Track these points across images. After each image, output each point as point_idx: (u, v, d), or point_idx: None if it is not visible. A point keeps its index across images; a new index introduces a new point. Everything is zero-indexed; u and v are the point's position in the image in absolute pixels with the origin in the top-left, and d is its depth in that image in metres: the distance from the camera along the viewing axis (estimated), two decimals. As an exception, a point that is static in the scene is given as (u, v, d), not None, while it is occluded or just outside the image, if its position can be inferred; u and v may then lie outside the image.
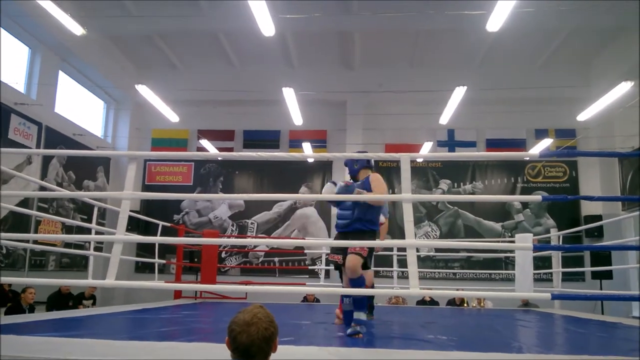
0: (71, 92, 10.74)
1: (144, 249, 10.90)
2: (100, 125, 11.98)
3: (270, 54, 11.22)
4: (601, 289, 9.17)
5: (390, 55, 11.31)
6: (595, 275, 9.22)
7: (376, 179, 4.12)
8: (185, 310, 5.96)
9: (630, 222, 9.84)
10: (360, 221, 4.01)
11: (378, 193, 3.94)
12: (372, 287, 4.84)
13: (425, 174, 12.01)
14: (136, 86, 9.53)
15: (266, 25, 6.95)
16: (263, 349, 1.65)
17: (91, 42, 9.95)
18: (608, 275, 9.00)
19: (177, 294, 8.02)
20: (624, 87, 8.31)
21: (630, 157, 10.54)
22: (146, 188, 12.11)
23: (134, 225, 10.15)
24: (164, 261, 8.62)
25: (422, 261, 11.38)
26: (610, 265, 8.28)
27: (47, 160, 9.48)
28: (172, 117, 10.81)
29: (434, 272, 11.21)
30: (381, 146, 11.56)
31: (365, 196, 3.87)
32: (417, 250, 10.50)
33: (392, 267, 8.44)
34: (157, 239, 4.72)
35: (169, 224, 7.91)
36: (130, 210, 7.50)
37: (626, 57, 9.86)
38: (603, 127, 10.92)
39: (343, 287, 4.17)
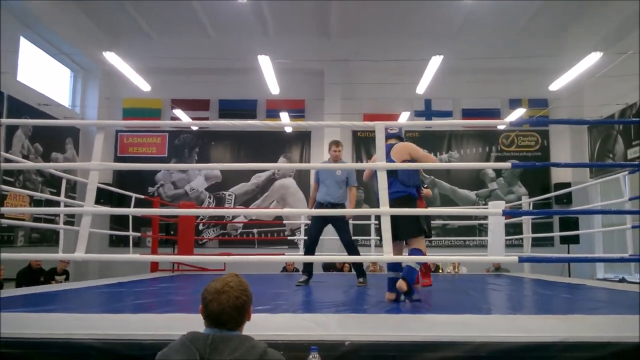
0: (35, 59, 10.29)
1: (118, 223, 10.71)
2: (67, 95, 11.56)
3: (245, 22, 10.94)
4: (569, 252, 9.52)
5: (367, 24, 11.16)
6: (564, 240, 9.57)
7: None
8: (161, 282, 5.95)
9: (597, 189, 10.15)
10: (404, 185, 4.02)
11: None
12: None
13: (402, 144, 12.05)
14: (104, 53, 9.17)
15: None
16: (234, 317, 1.65)
17: (55, 7, 9.52)
18: (575, 239, 9.34)
19: (154, 267, 7.98)
20: (594, 58, 8.42)
21: (599, 126, 10.81)
22: (118, 160, 11.86)
23: (106, 198, 9.97)
24: (138, 234, 8.52)
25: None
26: (578, 230, 8.56)
27: (11, 131, 9.05)
28: (144, 86, 10.49)
29: (410, 240, 11.39)
30: (359, 116, 11.53)
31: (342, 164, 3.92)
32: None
33: (370, 235, 8.55)
34: (130, 211, 4.66)
35: (142, 196, 7.78)
36: (103, 183, 7.33)
37: (596, 29, 9.97)
38: (574, 97, 11.12)
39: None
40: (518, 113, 11.24)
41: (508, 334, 2.38)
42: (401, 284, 3.67)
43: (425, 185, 4.90)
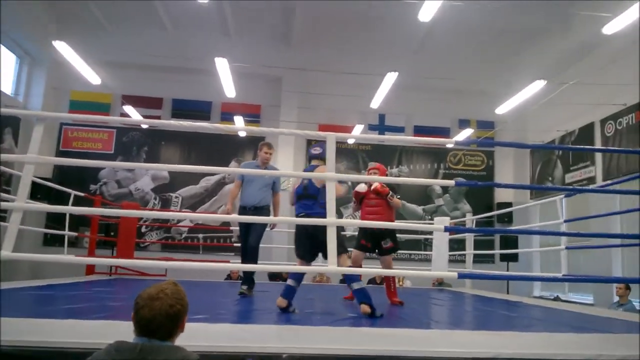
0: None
1: (55, 221, 10.13)
2: (10, 82, 10.92)
3: (206, 21, 10.75)
4: (508, 270, 9.89)
5: (329, 35, 11.23)
6: (504, 257, 9.95)
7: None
8: (97, 286, 5.67)
9: (536, 210, 10.63)
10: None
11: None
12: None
13: (355, 156, 12.21)
14: (53, 42, 8.73)
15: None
16: (165, 325, 1.57)
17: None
18: (514, 258, 9.73)
19: (90, 270, 7.58)
20: (538, 85, 8.88)
21: (540, 150, 11.37)
22: (61, 154, 11.25)
23: (44, 194, 9.44)
24: (75, 234, 8.10)
25: (349, 240, 11.55)
26: (517, 248, 8.91)
27: (-56, 117, 8.52)
28: (94, 79, 10.05)
29: (358, 252, 11.49)
30: (314, 125, 11.55)
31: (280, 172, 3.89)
32: (344, 229, 10.58)
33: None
34: (66, 209, 4.41)
35: (83, 194, 7.43)
36: (42, 178, 6.94)
37: (543, 59, 10.53)
38: (518, 121, 11.66)
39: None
40: (466, 133, 11.65)
41: (445, 349, 2.42)
42: (364, 309, 3.72)
43: (398, 196, 4.92)
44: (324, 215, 3.69)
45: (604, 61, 8.70)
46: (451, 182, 3.53)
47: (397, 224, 5.23)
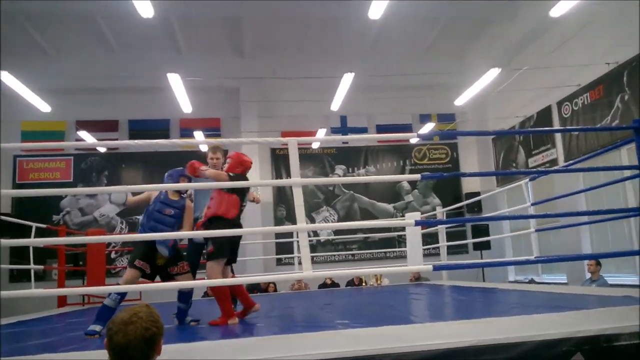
0: None
1: (20, 256, 9.67)
2: (-44, 119, 10.45)
3: (154, 39, 10.56)
4: (482, 258, 10.07)
5: (281, 42, 11.23)
6: (477, 246, 10.14)
7: None
8: (69, 318, 5.48)
9: (503, 196, 10.88)
10: None
11: None
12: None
13: (322, 161, 12.22)
14: (-4, 73, 8.39)
15: (144, 6, 6.49)
16: (142, 350, 1.51)
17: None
18: (487, 245, 9.93)
19: (61, 301, 7.36)
20: (493, 74, 9.10)
21: (502, 138, 11.66)
22: (17, 187, 10.86)
23: (4, 229, 9.01)
24: (42, 267, 7.81)
25: (323, 245, 11.64)
26: (489, 236, 9.08)
27: None
28: (44, 107, 9.73)
29: (334, 256, 11.50)
30: (277, 133, 11.49)
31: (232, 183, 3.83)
32: (317, 235, 10.61)
33: (293, 253, 8.48)
34: (28, 241, 4.23)
35: (45, 225, 7.17)
36: (1, 213, 6.61)
37: (496, 45, 10.77)
38: (478, 110, 11.93)
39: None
40: (428, 127, 11.83)
41: (425, 342, 2.42)
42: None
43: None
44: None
45: (554, 44, 8.94)
46: (417, 176, 3.55)
47: (355, 223, 5.20)
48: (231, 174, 4.00)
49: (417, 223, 3.98)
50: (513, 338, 2.41)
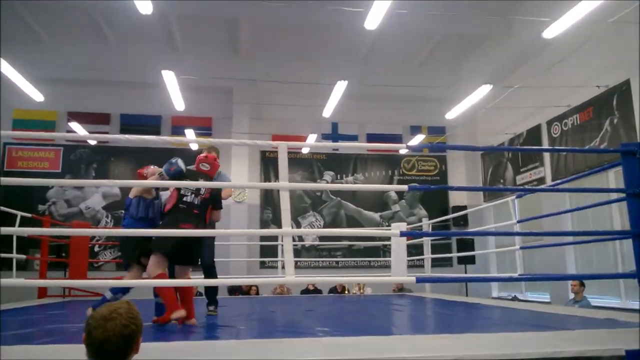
0: None
1: (2, 244, 9.56)
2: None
3: (151, 35, 10.55)
4: (466, 272, 10.12)
5: (276, 45, 11.26)
6: (461, 260, 10.19)
7: None
8: (49, 310, 5.43)
9: (490, 212, 10.98)
10: None
11: None
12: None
13: (311, 166, 12.25)
14: (-9, 59, 8.31)
15: (143, 2, 6.48)
16: (120, 347, 1.51)
17: None
18: (471, 260, 9.98)
19: (42, 293, 7.28)
20: (485, 90, 9.21)
21: (491, 153, 11.78)
22: (5, 175, 10.71)
23: (-13, 216, 8.93)
24: (24, 256, 7.72)
25: (307, 250, 11.63)
26: (474, 251, 9.13)
27: None
28: (37, 96, 9.65)
29: (318, 261, 11.50)
30: (268, 136, 11.50)
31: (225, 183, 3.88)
32: (302, 240, 10.61)
33: (277, 257, 8.47)
34: (11, 230, 4.19)
35: (30, 215, 7.09)
36: (-20, 200, 6.55)
37: (488, 63, 10.92)
38: (468, 125, 12.07)
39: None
40: (418, 139, 11.92)
41: (406, 355, 2.43)
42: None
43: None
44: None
45: (547, 64, 9.07)
46: (404, 187, 3.57)
47: (346, 230, 5.21)
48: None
49: (402, 234, 4.00)
50: (494, 355, 2.43)
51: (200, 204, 3.94)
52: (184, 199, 3.90)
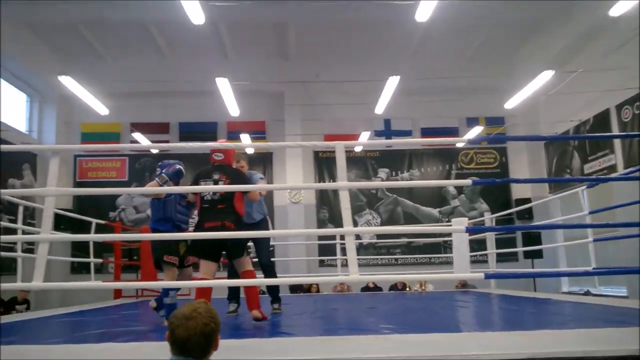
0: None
1: (80, 249, 10.27)
2: (24, 120, 11.15)
3: (203, 44, 10.88)
4: (533, 267, 9.72)
5: (325, 46, 11.30)
6: (527, 255, 9.78)
7: None
8: (125, 310, 5.73)
9: (556, 204, 10.48)
10: None
11: None
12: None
13: (364, 164, 12.20)
14: (59, 77, 8.91)
15: (195, 13, 6.72)
16: (201, 344, 1.59)
17: (8, 31, 9.19)
18: (539, 254, 9.55)
19: (117, 294, 7.71)
20: (546, 76, 8.79)
21: (555, 142, 11.23)
22: (77, 185, 11.47)
23: (67, 224, 9.59)
24: (100, 260, 8.21)
25: (365, 249, 11.59)
26: (540, 244, 8.75)
27: (-37, 158, 8.71)
28: (102, 110, 10.24)
29: (377, 259, 11.44)
30: (320, 136, 11.57)
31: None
32: (360, 238, 10.59)
33: (335, 255, 8.51)
34: (89, 237, 4.48)
35: (103, 222, 7.53)
36: (63, 209, 7.06)
37: (548, 48, 10.43)
38: (529, 114, 11.55)
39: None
40: (476, 131, 11.56)
41: (477, 352, 2.38)
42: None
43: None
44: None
45: (613, 45, 8.50)
46: (468, 182, 3.48)
47: (409, 227, 5.11)
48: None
49: (467, 230, 3.89)
50: (573, 352, 2.32)
51: (222, 198, 3.86)
52: (205, 197, 3.88)
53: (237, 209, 3.92)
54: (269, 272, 4.86)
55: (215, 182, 3.93)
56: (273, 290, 4.90)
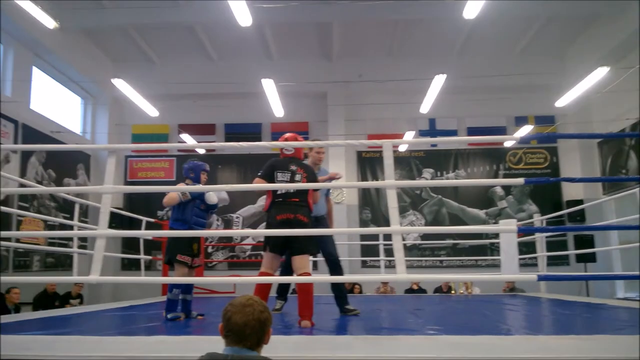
0: (46, 88, 10.49)
1: (130, 247, 10.74)
2: (78, 122, 11.73)
3: (248, 46, 11.10)
4: (585, 272, 9.32)
5: (369, 45, 11.27)
6: (580, 258, 9.38)
7: None
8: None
9: (611, 205, 10.01)
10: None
11: None
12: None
13: (409, 164, 12.05)
14: (112, 80, 9.32)
15: (243, 15, 6.85)
16: (257, 332, 1.62)
17: (64, 36, 9.69)
18: (592, 258, 9.15)
19: (165, 290, 7.94)
20: (600, 73, 8.42)
21: (609, 141, 10.73)
22: (128, 184, 11.92)
23: (117, 222, 9.98)
24: (149, 257, 8.50)
25: (409, 250, 11.45)
26: (594, 248, 8.38)
27: (25, 158, 9.24)
28: (152, 111, 10.63)
29: (421, 261, 11.29)
30: (363, 136, 11.54)
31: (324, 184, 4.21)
32: (404, 239, 10.49)
33: (379, 256, 8.45)
34: (142, 233, 4.65)
35: (152, 220, 7.80)
36: (114, 207, 7.38)
37: (601, 44, 9.99)
38: (581, 112, 11.08)
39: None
40: (525, 130, 11.21)
41: (530, 355, 2.31)
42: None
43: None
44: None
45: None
46: (520, 181, 3.35)
47: (458, 228, 4.98)
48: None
49: (519, 230, 3.76)
50: (633, 357, 2.22)
51: (297, 191, 3.83)
52: (278, 191, 3.85)
53: (309, 204, 3.92)
54: (337, 268, 4.56)
55: (293, 173, 3.94)
56: (340, 289, 4.53)
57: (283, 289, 4.97)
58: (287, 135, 4.23)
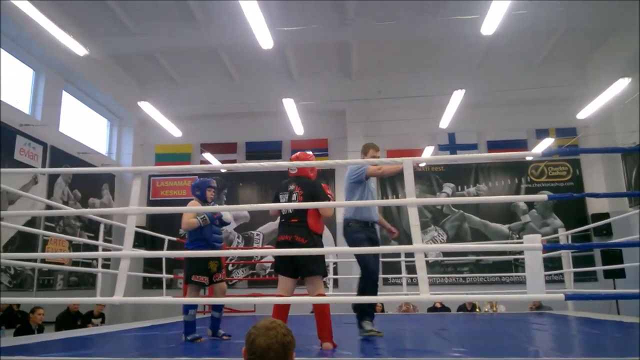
0: (75, 111, 10.80)
1: (151, 265, 10.86)
2: (104, 143, 12.02)
3: (269, 66, 11.27)
4: (615, 288, 9.05)
5: (387, 63, 11.33)
6: (608, 274, 9.12)
7: None
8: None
9: (638, 219, 9.74)
10: None
11: None
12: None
13: (429, 179, 11.98)
14: (139, 103, 9.57)
15: (264, 38, 6.98)
16: (280, 355, 1.62)
17: (93, 62, 10.00)
18: (621, 273, 8.88)
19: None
20: (622, 84, 8.29)
21: (634, 153, 10.49)
22: (151, 203, 12.12)
23: (140, 241, 10.13)
24: (171, 276, 8.59)
25: (431, 266, 11.30)
26: (622, 263, 8.17)
27: (52, 179, 9.50)
28: (175, 132, 10.84)
29: (443, 278, 11.13)
30: (383, 152, 11.53)
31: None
32: (426, 255, 10.37)
33: (400, 274, 8.36)
34: (164, 253, 4.71)
35: (175, 239, 7.88)
36: (136, 226, 7.50)
37: (621, 54, 9.85)
38: (603, 124, 10.89)
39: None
40: (546, 143, 11.05)
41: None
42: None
43: None
44: None
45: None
46: (543, 197, 3.30)
47: (480, 245, 4.90)
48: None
49: (544, 248, 3.69)
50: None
51: (295, 211, 3.78)
52: (282, 211, 3.87)
53: (310, 224, 3.79)
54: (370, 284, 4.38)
55: (290, 193, 3.93)
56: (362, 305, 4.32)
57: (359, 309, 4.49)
58: (298, 154, 4.26)
